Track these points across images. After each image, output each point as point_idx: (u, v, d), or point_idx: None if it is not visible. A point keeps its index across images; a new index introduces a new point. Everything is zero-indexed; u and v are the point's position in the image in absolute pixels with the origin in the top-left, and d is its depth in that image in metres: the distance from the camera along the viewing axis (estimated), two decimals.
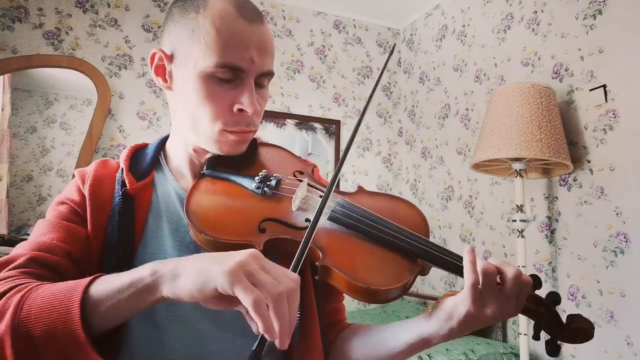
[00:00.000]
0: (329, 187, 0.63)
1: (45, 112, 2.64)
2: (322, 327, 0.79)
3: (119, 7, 2.80)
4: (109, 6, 2.78)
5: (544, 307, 0.67)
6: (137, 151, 0.81)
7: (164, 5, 2.91)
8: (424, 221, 0.73)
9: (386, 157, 3.45)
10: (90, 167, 0.77)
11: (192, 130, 0.72)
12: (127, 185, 0.73)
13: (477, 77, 2.77)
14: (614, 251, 1.91)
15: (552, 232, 2.20)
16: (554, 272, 2.17)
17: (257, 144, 0.83)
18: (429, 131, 3.20)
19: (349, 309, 2.79)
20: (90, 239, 0.70)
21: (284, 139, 3.09)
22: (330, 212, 0.69)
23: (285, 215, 0.69)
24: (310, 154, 3.17)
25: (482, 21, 2.76)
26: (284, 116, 3.13)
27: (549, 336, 0.68)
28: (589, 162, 2.03)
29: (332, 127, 3.26)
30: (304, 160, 0.86)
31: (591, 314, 1.97)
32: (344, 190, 0.78)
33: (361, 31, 3.47)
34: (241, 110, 0.69)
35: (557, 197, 2.19)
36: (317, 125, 3.23)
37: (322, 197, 0.63)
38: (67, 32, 2.67)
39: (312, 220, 0.59)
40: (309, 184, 0.75)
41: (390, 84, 3.53)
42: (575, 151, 2.08)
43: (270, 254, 0.64)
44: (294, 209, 0.70)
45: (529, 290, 0.64)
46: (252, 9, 0.70)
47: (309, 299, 0.74)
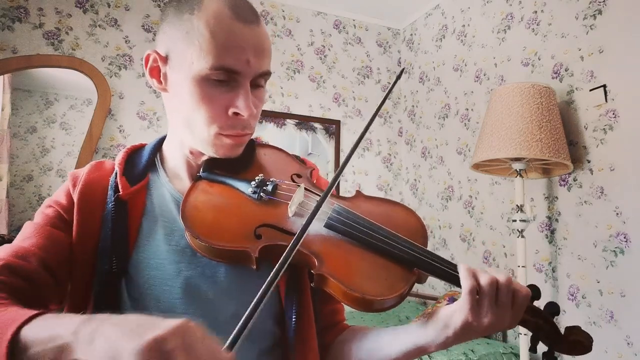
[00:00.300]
0: (324, 194, 0.61)
1: (45, 112, 2.64)
2: (321, 329, 0.79)
3: (119, 7, 2.80)
4: (109, 6, 2.78)
5: (542, 319, 0.66)
6: (134, 153, 0.80)
7: (164, 5, 2.91)
8: (421, 227, 0.72)
9: (386, 157, 3.45)
10: (83, 170, 0.76)
11: (188, 132, 0.71)
12: (120, 190, 0.71)
13: (477, 77, 2.77)
14: (614, 251, 1.91)
15: (552, 232, 2.20)
16: (554, 272, 2.17)
17: (255, 145, 0.81)
18: (429, 131, 3.20)
19: (348, 309, 2.79)
20: (74, 245, 0.69)
21: (284, 139, 3.09)
22: (326, 219, 0.67)
23: (281, 221, 0.68)
24: (310, 154, 3.17)
25: (482, 21, 2.76)
26: (284, 116, 3.13)
27: (547, 347, 0.67)
28: (589, 162, 2.03)
29: (332, 127, 3.26)
30: (303, 161, 0.84)
31: (591, 314, 1.97)
32: (344, 192, 0.76)
33: (361, 31, 3.47)
34: (236, 113, 0.67)
35: (557, 197, 2.19)
36: (317, 125, 3.23)
37: (314, 207, 0.61)
38: (67, 32, 2.67)
39: (303, 224, 0.57)
40: (306, 189, 0.73)
41: (390, 83, 3.53)
42: (575, 151, 2.08)
43: (266, 261, 0.64)
44: (291, 214, 0.68)
45: (527, 301, 0.63)
46: (248, 10, 0.68)
47: (305, 302, 0.73)
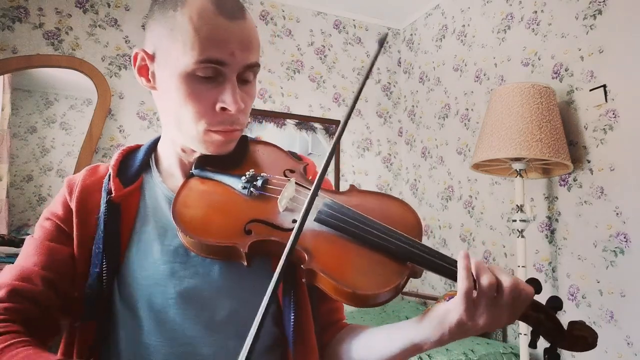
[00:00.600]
0: (314, 187, 0.58)
1: (45, 112, 2.64)
2: (319, 328, 0.78)
3: (119, 7, 2.80)
4: (109, 6, 2.78)
5: (543, 314, 0.64)
6: (129, 154, 0.80)
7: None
8: (416, 221, 0.69)
9: (386, 157, 3.45)
10: (79, 175, 0.76)
11: (177, 130, 0.71)
12: (113, 192, 0.71)
13: (477, 77, 2.77)
14: (614, 251, 1.91)
15: (552, 232, 2.20)
16: (554, 272, 2.17)
17: (248, 141, 0.81)
18: (429, 131, 3.20)
19: (348, 309, 2.80)
20: (76, 252, 0.70)
21: (284, 139, 3.09)
22: (317, 213, 0.66)
23: (271, 216, 0.67)
24: (310, 154, 3.17)
25: (482, 21, 2.76)
26: (284, 116, 3.13)
27: (549, 343, 0.64)
28: (589, 162, 2.03)
29: (332, 127, 3.26)
30: (299, 157, 0.83)
31: (591, 314, 1.97)
32: (342, 190, 0.75)
33: (361, 31, 3.46)
34: (224, 109, 0.67)
35: (557, 197, 2.19)
36: (317, 125, 3.23)
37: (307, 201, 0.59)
38: (67, 32, 2.67)
39: (298, 221, 0.55)
40: (297, 183, 0.72)
41: (390, 84, 3.53)
42: (575, 151, 2.08)
43: (257, 256, 0.64)
44: (281, 209, 0.68)
45: (529, 300, 0.61)
46: (232, 3, 0.67)
47: (303, 301, 0.73)
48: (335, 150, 0.58)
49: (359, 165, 3.33)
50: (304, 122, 3.19)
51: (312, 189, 0.58)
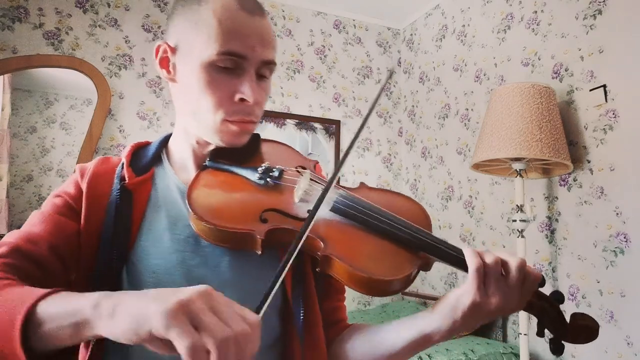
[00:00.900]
0: (332, 176, 0.63)
1: (45, 112, 2.64)
2: (324, 325, 0.79)
3: (119, 7, 2.80)
4: (109, 6, 2.78)
5: (547, 303, 0.66)
6: (140, 148, 0.82)
7: (164, 5, 2.91)
8: (426, 216, 0.73)
9: (386, 157, 3.45)
10: (91, 163, 0.78)
11: (194, 121, 0.73)
12: (127, 179, 0.73)
13: (477, 77, 2.77)
14: (614, 251, 1.91)
15: (552, 232, 2.20)
16: (554, 272, 2.17)
17: (260, 139, 0.83)
18: (429, 131, 3.20)
19: (349, 308, 2.80)
20: (82, 234, 0.70)
21: (284, 139, 3.08)
22: (332, 203, 0.69)
23: (287, 206, 0.69)
24: (310, 154, 3.17)
25: (482, 21, 2.76)
26: (284, 116, 3.13)
27: (552, 335, 0.67)
28: (589, 162, 2.03)
29: (332, 127, 3.26)
30: (306, 157, 0.87)
31: (591, 314, 1.97)
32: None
33: (361, 31, 3.47)
34: (242, 99, 0.70)
35: (557, 197, 2.19)
36: (317, 125, 3.23)
37: (324, 189, 0.64)
38: (67, 32, 2.67)
39: (314, 205, 0.58)
40: (311, 178, 0.75)
41: (390, 84, 3.53)
42: (575, 151, 2.08)
43: (271, 245, 0.65)
44: (296, 200, 0.70)
45: (537, 282, 0.63)
46: (253, 2, 0.71)
47: (311, 293, 0.74)
48: (350, 148, 0.64)
49: (359, 165, 3.33)
50: (304, 122, 3.19)
51: (331, 175, 0.62)
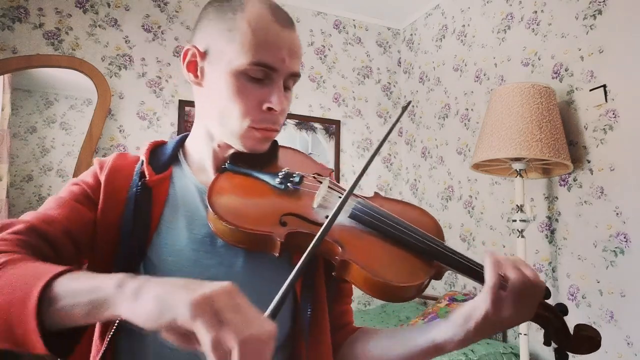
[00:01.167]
0: (352, 183, 0.65)
1: (45, 112, 2.64)
2: (331, 329, 0.79)
3: (119, 7, 2.80)
4: (109, 6, 2.78)
5: (552, 314, 0.68)
6: (156, 147, 0.83)
7: (164, 5, 2.91)
8: (438, 228, 0.75)
9: (386, 157, 3.45)
10: (109, 157, 0.79)
11: (220, 125, 0.74)
12: (147, 176, 0.74)
13: (477, 77, 2.77)
14: (614, 251, 1.91)
15: (552, 232, 2.20)
16: (554, 272, 2.17)
17: (278, 146, 0.85)
18: (429, 131, 3.20)
19: None
20: (98, 225, 0.71)
21: (284, 139, 3.09)
22: (351, 210, 0.71)
23: (306, 211, 0.71)
24: (310, 153, 3.17)
25: (482, 21, 2.76)
26: None
27: (557, 345, 0.68)
28: (589, 162, 2.03)
29: (332, 127, 3.27)
30: (322, 165, 0.89)
31: (591, 314, 1.97)
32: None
33: (361, 31, 3.47)
34: (270, 108, 0.71)
35: (557, 197, 2.19)
36: (317, 125, 3.23)
37: (341, 197, 0.65)
38: (67, 32, 2.67)
39: (334, 210, 0.60)
40: (329, 185, 0.77)
41: (390, 84, 3.53)
42: (575, 151, 2.08)
43: (289, 248, 0.67)
44: (315, 205, 0.72)
45: (543, 295, 0.65)
46: (286, 15, 0.74)
47: (320, 296, 0.75)
48: (371, 161, 0.68)
49: (359, 165, 3.33)
50: (304, 122, 3.19)
51: (353, 181, 0.64)
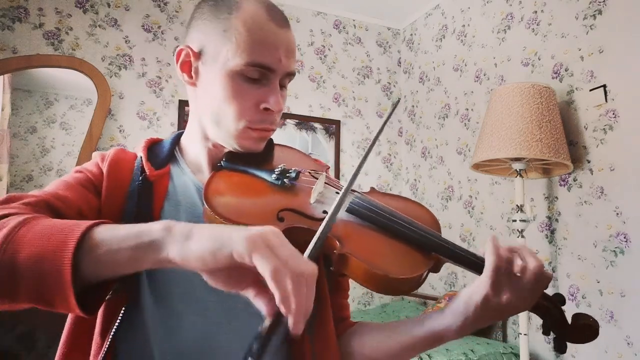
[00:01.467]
0: (351, 179, 0.64)
1: (45, 112, 2.64)
2: None
3: (119, 7, 2.80)
4: (109, 6, 2.78)
5: (551, 304, 0.69)
6: (153, 144, 0.83)
7: (164, 5, 2.91)
8: (435, 220, 0.76)
9: (386, 157, 3.45)
10: (109, 151, 0.79)
11: (215, 126, 0.74)
12: (147, 171, 0.74)
13: (477, 77, 2.77)
14: (614, 251, 1.91)
15: (552, 232, 2.20)
16: (554, 272, 2.17)
17: (273, 144, 0.85)
18: (429, 131, 3.20)
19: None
20: (101, 214, 0.70)
21: (284, 139, 3.08)
22: (348, 204, 0.71)
23: (303, 206, 0.71)
24: (310, 153, 3.17)
25: (482, 21, 2.76)
26: (284, 116, 3.13)
27: (555, 335, 0.70)
28: (589, 162, 2.03)
29: (332, 127, 3.27)
30: (317, 161, 0.89)
31: (591, 314, 1.96)
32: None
33: (361, 31, 3.47)
34: (267, 109, 0.71)
35: (557, 197, 2.19)
36: (317, 125, 3.23)
37: (338, 192, 0.64)
38: (67, 32, 2.67)
39: (331, 209, 0.60)
40: (326, 181, 0.77)
41: (390, 84, 3.53)
42: (575, 151, 2.08)
43: None
44: (312, 200, 0.72)
45: (547, 285, 0.65)
46: (281, 15, 0.74)
47: (323, 289, 0.76)
48: (368, 153, 0.67)
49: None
50: (304, 122, 3.19)
51: (351, 176, 0.64)
